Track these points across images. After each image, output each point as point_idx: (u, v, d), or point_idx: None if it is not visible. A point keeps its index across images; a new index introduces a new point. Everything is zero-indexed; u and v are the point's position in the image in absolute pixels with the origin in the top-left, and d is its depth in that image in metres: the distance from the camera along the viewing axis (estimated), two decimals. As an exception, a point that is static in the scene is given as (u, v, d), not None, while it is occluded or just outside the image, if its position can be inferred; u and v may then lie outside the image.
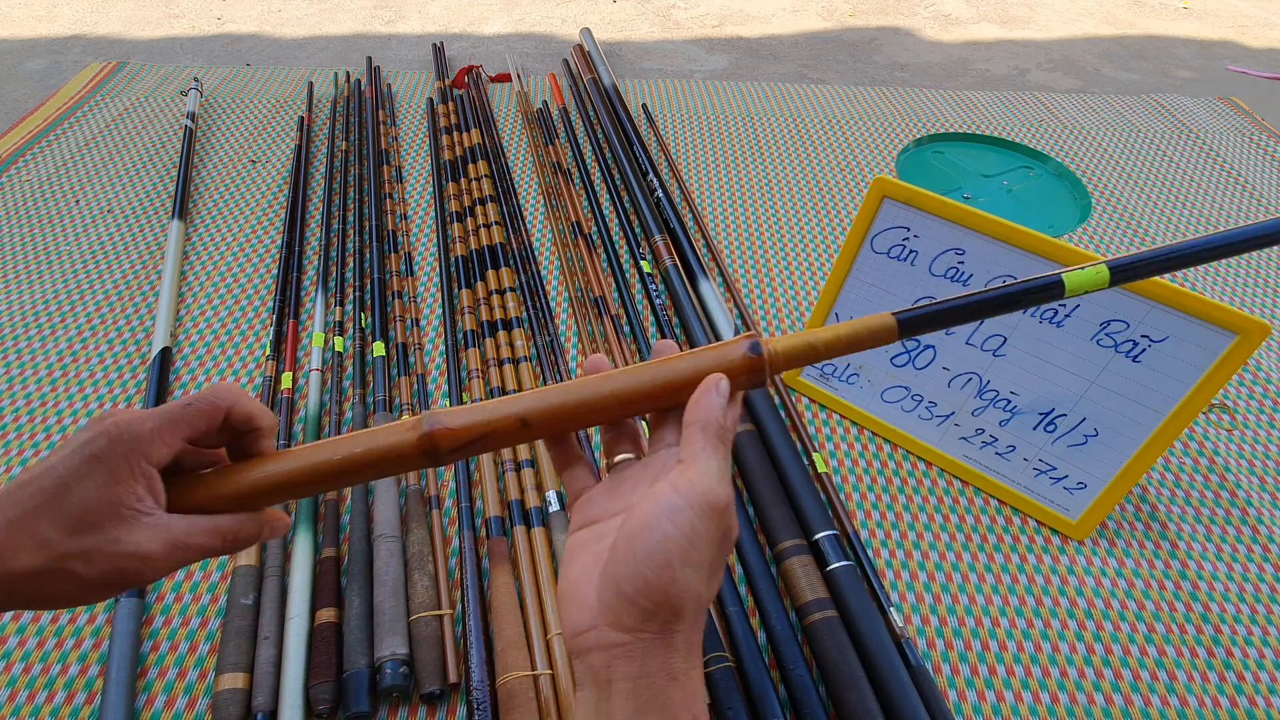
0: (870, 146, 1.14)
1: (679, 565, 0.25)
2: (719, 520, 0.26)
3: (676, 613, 0.25)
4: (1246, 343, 0.49)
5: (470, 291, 0.82)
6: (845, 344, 0.28)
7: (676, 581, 0.25)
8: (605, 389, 0.27)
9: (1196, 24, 1.69)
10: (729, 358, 0.27)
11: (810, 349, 0.28)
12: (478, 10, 1.65)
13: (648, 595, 0.25)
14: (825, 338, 0.28)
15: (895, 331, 0.28)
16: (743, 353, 0.27)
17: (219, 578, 0.57)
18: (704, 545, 0.25)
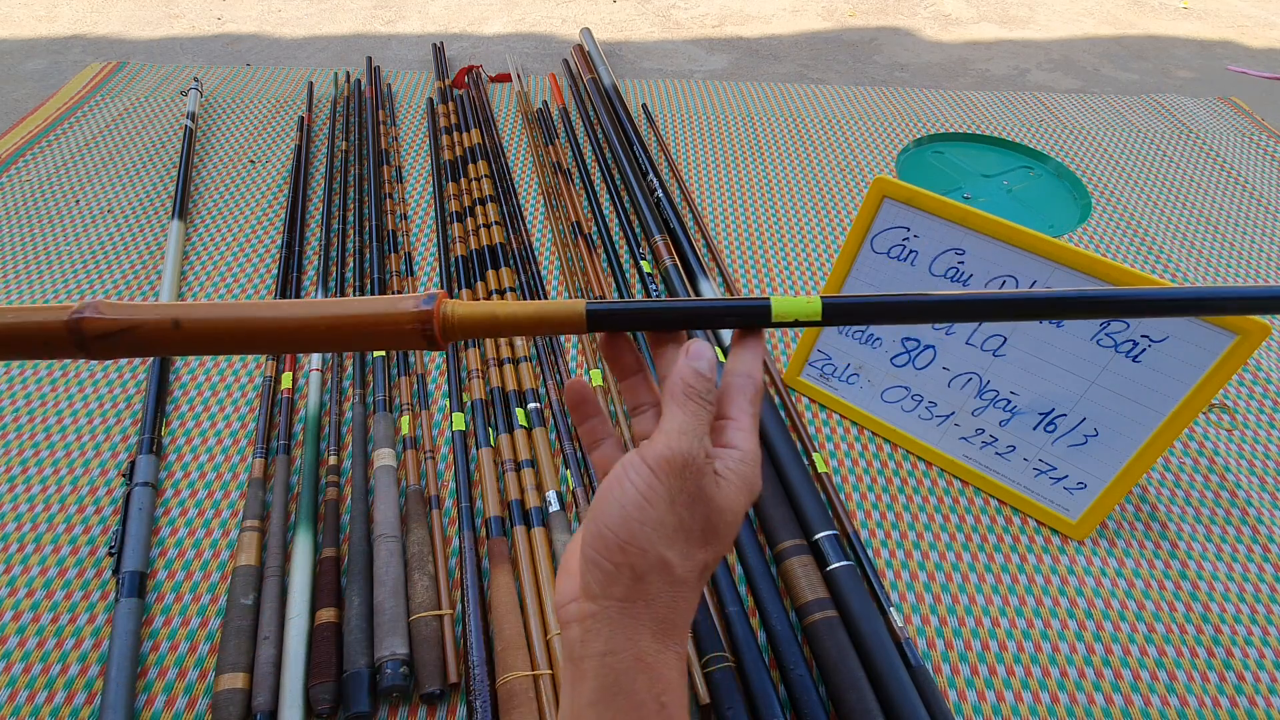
0: (870, 146, 1.14)
1: (636, 523, 0.24)
2: (678, 475, 0.24)
3: (638, 577, 0.24)
4: (1246, 343, 0.49)
5: (470, 291, 0.82)
6: (529, 322, 0.27)
7: (634, 539, 0.24)
8: (269, 314, 0.26)
9: (1196, 24, 1.69)
10: (399, 306, 0.26)
11: (491, 319, 0.27)
12: (478, 10, 1.65)
13: (606, 554, 0.25)
14: (510, 311, 0.27)
15: (584, 323, 0.27)
16: (413, 305, 0.26)
17: (219, 578, 0.57)
18: (662, 502, 0.24)
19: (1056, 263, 0.54)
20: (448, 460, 0.66)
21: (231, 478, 0.64)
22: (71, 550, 0.59)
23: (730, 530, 0.26)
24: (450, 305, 0.27)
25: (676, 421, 0.25)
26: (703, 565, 0.26)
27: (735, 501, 0.26)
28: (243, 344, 0.26)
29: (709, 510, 0.25)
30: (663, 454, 0.24)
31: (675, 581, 0.25)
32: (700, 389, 0.26)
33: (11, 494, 0.63)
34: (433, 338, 0.26)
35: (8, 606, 0.55)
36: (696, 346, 0.27)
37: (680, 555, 0.25)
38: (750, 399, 0.28)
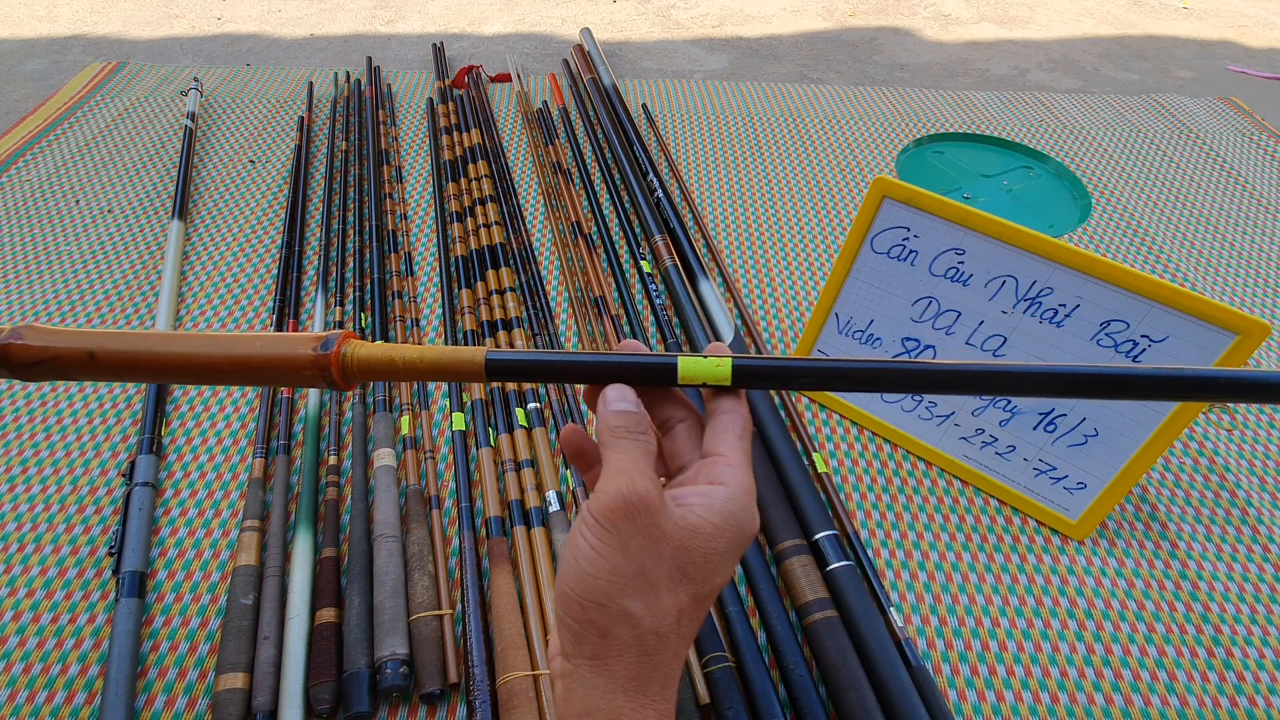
0: (870, 146, 1.14)
1: (591, 577, 0.23)
2: (626, 519, 0.23)
3: (603, 633, 0.23)
4: (1246, 343, 0.49)
5: (470, 291, 0.82)
6: (429, 368, 0.27)
7: (591, 594, 0.23)
8: (176, 348, 0.27)
9: (1196, 24, 1.69)
10: (298, 349, 0.27)
11: (389, 363, 0.27)
12: (478, 10, 1.65)
13: (569, 613, 0.24)
14: (409, 356, 0.27)
15: (482, 372, 0.27)
16: (311, 348, 0.26)
17: (219, 578, 0.57)
18: (614, 552, 0.23)
19: (1056, 263, 0.54)
20: (448, 460, 0.66)
21: (231, 478, 0.64)
22: (71, 550, 0.59)
23: (706, 570, 0.24)
24: (352, 347, 0.27)
25: (612, 465, 0.24)
26: (676, 611, 0.24)
27: (709, 540, 0.24)
28: (154, 375, 0.27)
29: (673, 549, 0.24)
30: (603, 502, 0.23)
31: (644, 634, 0.23)
32: (626, 425, 0.25)
33: (11, 494, 0.63)
34: (332, 380, 0.26)
35: (8, 606, 0.55)
36: (610, 393, 0.26)
37: (645, 605, 0.23)
38: (738, 434, 0.27)
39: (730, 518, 0.25)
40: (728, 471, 0.26)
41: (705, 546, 0.24)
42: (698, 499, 0.25)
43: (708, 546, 0.24)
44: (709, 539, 0.24)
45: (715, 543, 0.24)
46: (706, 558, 0.24)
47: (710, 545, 0.24)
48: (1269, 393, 0.25)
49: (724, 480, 0.25)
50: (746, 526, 0.25)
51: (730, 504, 0.25)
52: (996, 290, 0.58)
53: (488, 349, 0.27)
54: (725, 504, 0.25)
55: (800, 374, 0.27)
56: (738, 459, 0.26)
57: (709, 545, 0.24)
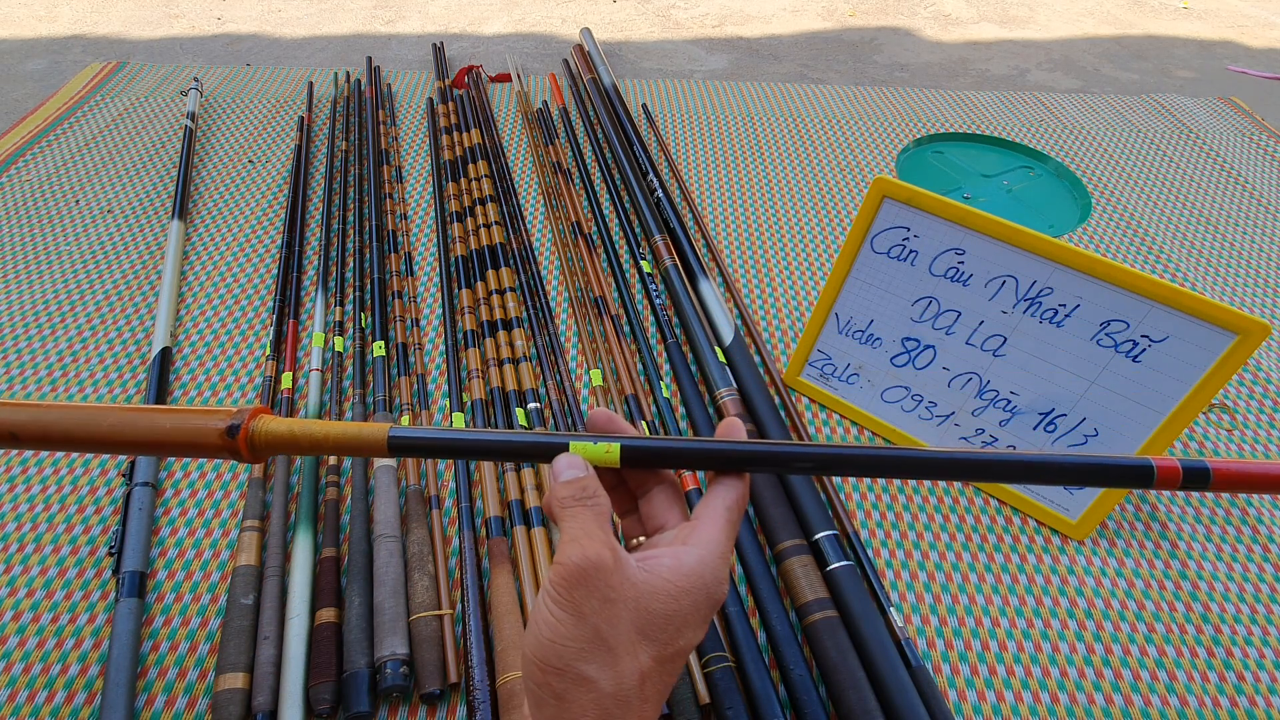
0: (870, 146, 1.14)
1: (548, 642, 0.23)
2: (580, 585, 0.23)
3: (559, 696, 0.23)
4: (1246, 343, 0.49)
5: (470, 291, 0.82)
6: (333, 444, 0.28)
7: (548, 660, 0.23)
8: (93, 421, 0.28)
9: (1196, 24, 1.69)
10: (204, 426, 0.28)
11: (291, 440, 0.28)
12: (478, 10, 1.65)
13: (530, 677, 0.24)
14: (315, 434, 0.28)
15: (385, 447, 0.28)
16: (218, 427, 0.28)
17: (219, 578, 0.57)
18: (569, 618, 0.23)
19: (1056, 263, 0.54)
20: (448, 460, 0.66)
21: (231, 478, 0.64)
22: (71, 550, 0.59)
23: (669, 631, 0.24)
24: (262, 422, 0.28)
25: (566, 532, 0.25)
26: (638, 675, 0.24)
27: (672, 601, 0.24)
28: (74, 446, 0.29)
29: (632, 612, 0.24)
30: (559, 571, 0.24)
31: (602, 697, 0.23)
32: (574, 494, 0.26)
33: (11, 494, 0.63)
34: (240, 457, 0.28)
35: (8, 606, 0.55)
36: (557, 463, 0.27)
37: (602, 669, 0.23)
38: (728, 504, 0.28)
39: (697, 579, 0.25)
40: (703, 535, 0.26)
41: (667, 608, 0.24)
42: (668, 559, 0.25)
43: (670, 608, 0.24)
44: (672, 600, 0.24)
45: (679, 604, 0.24)
46: (669, 619, 0.24)
47: (673, 606, 0.24)
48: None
49: (697, 542, 0.26)
50: (715, 591, 0.25)
51: (700, 566, 0.25)
52: (996, 290, 0.58)
53: (390, 426, 0.28)
54: (694, 566, 0.25)
55: (687, 456, 0.29)
56: (719, 525, 0.27)
57: (672, 607, 0.24)
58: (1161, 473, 0.26)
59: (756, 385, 0.69)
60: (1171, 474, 0.26)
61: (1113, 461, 0.27)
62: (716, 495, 0.28)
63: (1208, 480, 0.26)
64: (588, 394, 0.73)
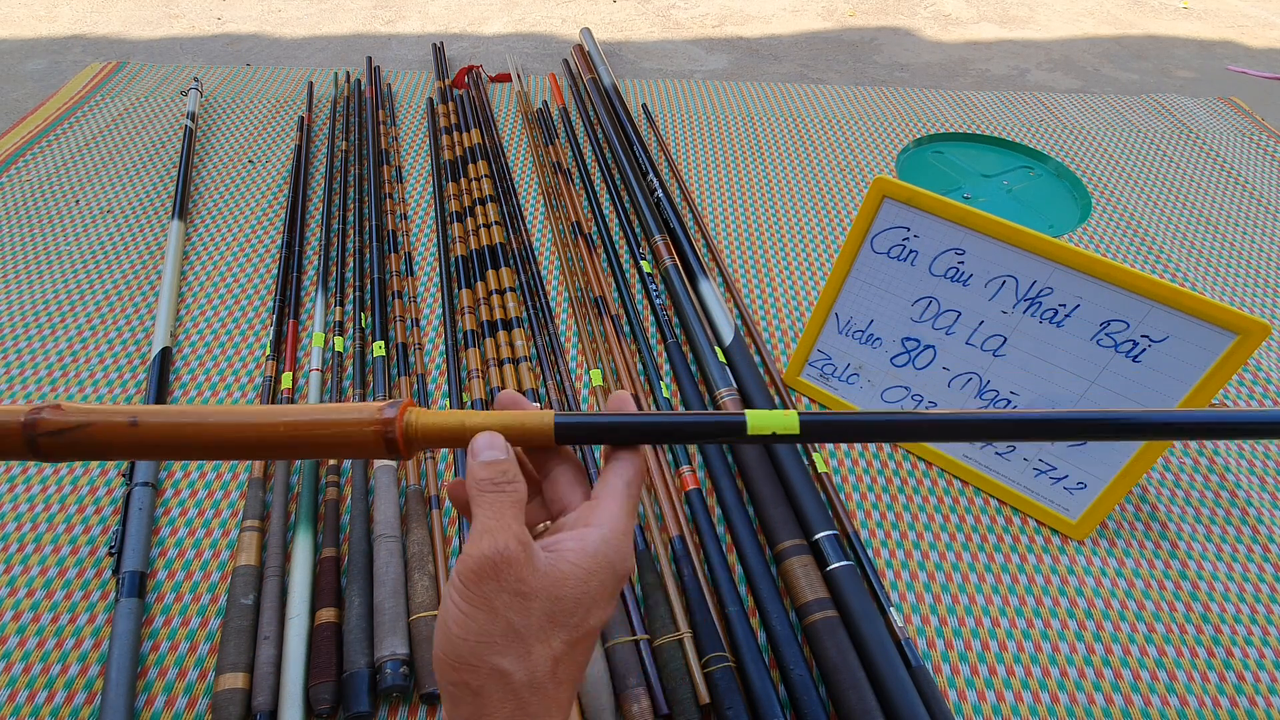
0: (870, 146, 1.14)
1: (459, 639, 0.23)
2: (491, 579, 0.23)
3: (476, 693, 0.23)
4: (1246, 343, 0.49)
5: (470, 291, 0.82)
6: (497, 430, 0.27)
7: (460, 657, 0.23)
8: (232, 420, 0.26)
9: (1196, 24, 1.69)
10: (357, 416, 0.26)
11: (459, 429, 0.26)
12: (478, 10, 1.65)
13: (444, 676, 0.24)
14: (478, 422, 0.26)
15: (550, 438, 0.27)
16: (375, 413, 0.26)
17: (219, 578, 0.57)
18: (480, 613, 0.23)
19: (1056, 263, 0.54)
20: (448, 460, 0.66)
21: (231, 478, 0.64)
22: (71, 550, 0.59)
23: (579, 615, 0.24)
24: (420, 415, 0.27)
25: (478, 521, 0.24)
26: (551, 660, 0.24)
27: (580, 585, 0.24)
28: (199, 446, 0.26)
29: (543, 602, 0.24)
30: (468, 564, 0.23)
31: (517, 687, 0.23)
32: (491, 477, 0.25)
33: (11, 494, 0.63)
34: (396, 445, 0.26)
35: (8, 606, 0.55)
36: (477, 442, 0.26)
37: (516, 660, 0.23)
38: (626, 480, 0.27)
39: (601, 559, 0.25)
40: (604, 513, 0.26)
41: (577, 592, 0.24)
42: (572, 542, 0.25)
43: (579, 591, 0.24)
44: (581, 583, 0.24)
45: (588, 585, 0.24)
46: (578, 602, 0.24)
47: (582, 589, 0.24)
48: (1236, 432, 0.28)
49: (599, 522, 0.26)
50: (619, 566, 0.25)
51: (603, 545, 0.25)
52: (996, 290, 0.58)
53: (555, 414, 0.27)
54: (598, 546, 0.25)
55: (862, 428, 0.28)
56: (619, 502, 0.26)
57: (581, 590, 0.24)
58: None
59: (756, 385, 0.69)
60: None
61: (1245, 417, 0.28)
62: (614, 471, 0.27)
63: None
64: (588, 394, 0.73)
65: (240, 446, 0.26)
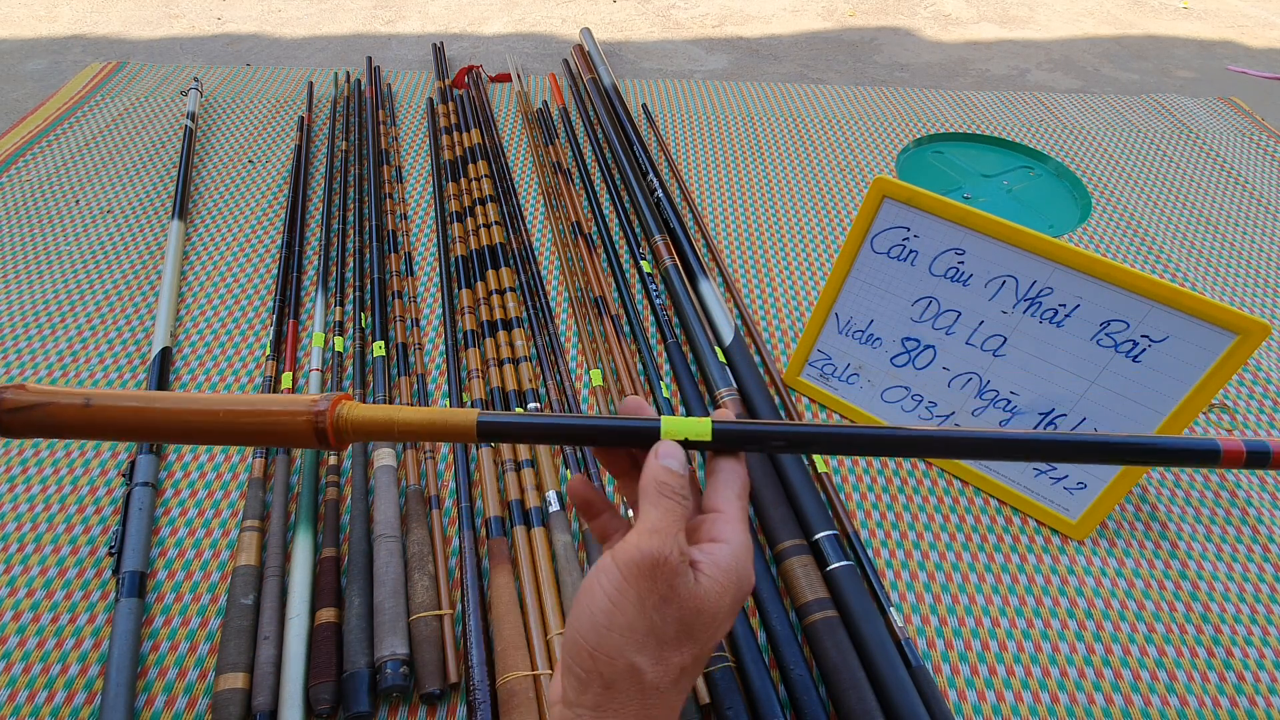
0: (870, 146, 1.14)
1: (604, 629, 0.23)
2: (648, 578, 0.23)
3: (607, 684, 0.24)
4: (1246, 343, 0.49)
5: (470, 291, 0.82)
6: (421, 429, 0.28)
7: (603, 646, 0.23)
8: (176, 405, 0.27)
9: (1196, 24, 1.69)
10: (292, 406, 0.27)
11: (387, 424, 0.28)
12: (478, 10, 1.65)
13: (578, 661, 0.24)
14: (405, 418, 0.28)
15: (474, 432, 0.27)
16: (308, 405, 0.27)
17: (219, 578, 0.57)
18: (631, 606, 0.23)
19: (1056, 263, 0.54)
20: (448, 460, 0.66)
21: (231, 478, 0.65)
22: (71, 550, 0.59)
23: (710, 630, 0.25)
24: (350, 409, 0.27)
25: (649, 520, 0.25)
26: (679, 669, 0.24)
27: (717, 601, 0.25)
28: (151, 428, 0.27)
29: (683, 612, 0.24)
30: (632, 556, 0.24)
31: (646, 688, 0.24)
32: (674, 485, 0.25)
33: (11, 494, 0.63)
34: (325, 437, 0.27)
35: (8, 606, 0.55)
36: (666, 447, 0.27)
37: (651, 660, 0.24)
38: (738, 492, 0.27)
39: (734, 574, 0.25)
40: (728, 528, 0.26)
41: (712, 607, 0.25)
42: (704, 558, 0.25)
43: (714, 607, 0.25)
44: (716, 599, 0.25)
45: (721, 602, 0.25)
46: (713, 617, 0.25)
47: (716, 605, 0.25)
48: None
49: (725, 538, 0.26)
50: (746, 583, 0.26)
51: (734, 560, 0.25)
52: (996, 290, 0.58)
53: (479, 412, 0.28)
54: (730, 561, 0.25)
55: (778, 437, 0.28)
56: (736, 515, 0.27)
57: (716, 605, 0.25)
58: (1228, 453, 0.27)
59: (756, 385, 0.69)
60: (1236, 454, 0.27)
61: (1177, 443, 0.27)
62: (726, 484, 0.27)
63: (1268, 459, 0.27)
64: (588, 394, 0.73)
65: (182, 431, 0.27)
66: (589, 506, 0.31)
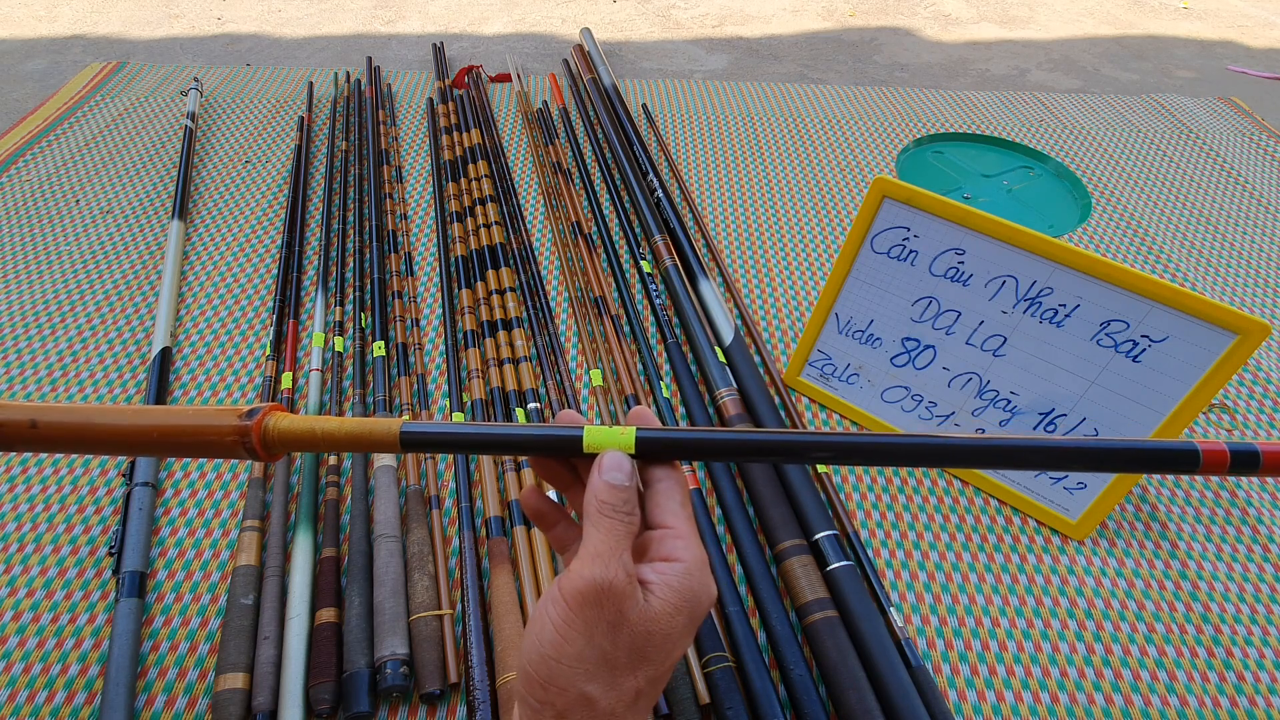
0: (870, 146, 1.14)
1: (554, 660, 0.23)
2: (594, 606, 0.23)
3: (560, 714, 0.23)
4: (1246, 343, 0.49)
5: (470, 291, 0.82)
6: (346, 440, 0.28)
7: (553, 678, 0.23)
8: (115, 421, 0.28)
9: (1196, 24, 1.69)
10: (219, 421, 0.28)
11: (307, 436, 0.28)
12: (478, 10, 1.65)
13: (530, 692, 0.24)
14: (329, 429, 0.28)
15: (397, 443, 0.27)
16: (233, 420, 0.27)
17: (219, 578, 0.57)
18: (579, 637, 0.23)
19: (1056, 263, 0.54)
20: (448, 460, 0.66)
21: (231, 478, 0.64)
22: (71, 550, 0.59)
23: (664, 650, 0.24)
24: (275, 419, 0.28)
25: (591, 544, 0.24)
26: (633, 692, 0.24)
27: (669, 621, 0.24)
28: (94, 443, 0.29)
29: (634, 636, 0.24)
30: (576, 585, 0.23)
31: (600, 714, 0.24)
32: (615, 503, 0.25)
33: (11, 494, 0.63)
34: (255, 455, 0.27)
35: (8, 606, 0.55)
36: (609, 459, 0.26)
37: (604, 687, 0.23)
38: (680, 501, 0.26)
39: (687, 595, 0.25)
40: (678, 546, 0.25)
41: (665, 629, 0.24)
42: (655, 578, 0.25)
43: (667, 628, 0.24)
44: (669, 620, 0.24)
45: (674, 622, 0.24)
46: (666, 638, 0.24)
47: (669, 625, 0.24)
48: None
49: (677, 556, 0.25)
50: (703, 600, 0.25)
51: (687, 580, 0.25)
52: (996, 290, 0.58)
53: (403, 421, 0.28)
54: (682, 581, 0.25)
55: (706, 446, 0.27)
56: (686, 529, 0.26)
57: (668, 626, 0.24)
58: (1208, 458, 0.24)
59: (756, 385, 0.69)
60: (1218, 458, 0.24)
61: (1154, 446, 0.25)
62: (668, 496, 0.27)
63: (1257, 464, 0.24)
64: (588, 394, 0.73)
65: (123, 444, 0.29)
66: (542, 518, 0.30)
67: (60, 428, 0.28)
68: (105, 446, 0.29)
